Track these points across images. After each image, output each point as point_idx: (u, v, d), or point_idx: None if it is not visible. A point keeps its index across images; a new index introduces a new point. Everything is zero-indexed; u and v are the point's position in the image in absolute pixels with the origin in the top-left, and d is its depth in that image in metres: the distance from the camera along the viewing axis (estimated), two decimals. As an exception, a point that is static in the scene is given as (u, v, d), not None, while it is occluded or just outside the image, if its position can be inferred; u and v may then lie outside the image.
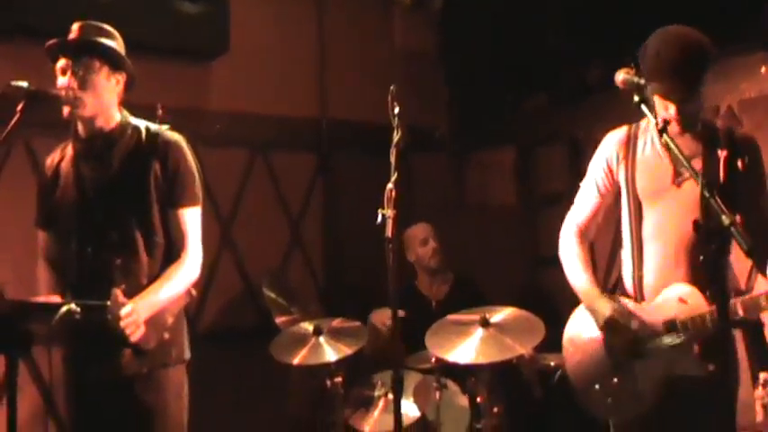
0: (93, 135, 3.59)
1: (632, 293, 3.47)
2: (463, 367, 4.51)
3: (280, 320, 5.29)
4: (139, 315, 3.33)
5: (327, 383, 4.67)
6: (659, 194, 3.41)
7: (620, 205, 3.57)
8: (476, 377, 4.67)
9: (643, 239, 3.44)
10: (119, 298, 3.27)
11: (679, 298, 3.29)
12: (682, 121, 3.35)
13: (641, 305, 3.43)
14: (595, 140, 3.79)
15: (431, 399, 4.60)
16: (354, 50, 6.70)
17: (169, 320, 3.53)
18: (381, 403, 4.74)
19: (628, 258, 3.51)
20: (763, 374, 4.32)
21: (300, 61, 6.49)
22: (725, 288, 2.64)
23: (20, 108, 3.38)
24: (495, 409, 4.72)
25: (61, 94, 3.47)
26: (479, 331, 4.43)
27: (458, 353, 4.38)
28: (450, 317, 4.62)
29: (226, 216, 6.11)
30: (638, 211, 3.47)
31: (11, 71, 3.96)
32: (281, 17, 6.40)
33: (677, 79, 3.24)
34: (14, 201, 5.13)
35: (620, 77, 3.21)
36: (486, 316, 4.46)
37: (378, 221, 3.43)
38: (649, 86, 3.24)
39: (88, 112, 3.53)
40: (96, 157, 3.59)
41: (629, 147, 3.53)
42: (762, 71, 5.14)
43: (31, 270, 3.71)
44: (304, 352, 4.65)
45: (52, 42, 3.56)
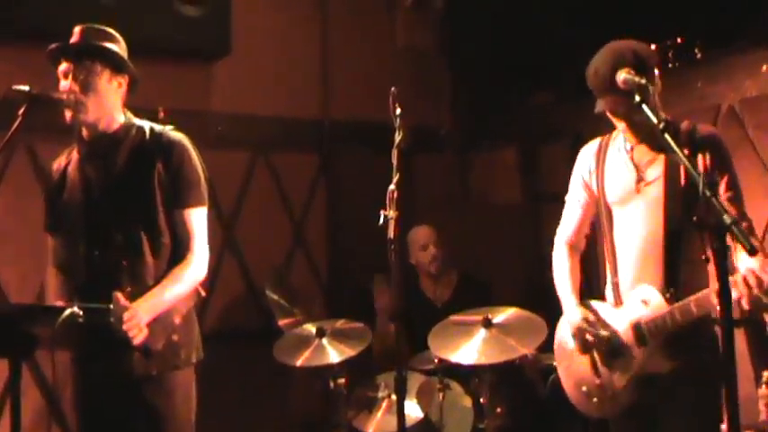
0: (97, 137, 3.58)
1: (611, 298, 3.57)
2: (466, 368, 4.52)
3: (283, 322, 5.29)
4: (141, 318, 3.32)
5: (331, 385, 4.67)
6: (625, 200, 3.49)
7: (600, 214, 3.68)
8: (479, 378, 4.67)
9: (615, 245, 3.54)
10: (120, 301, 3.28)
11: (642, 300, 3.40)
12: (635, 132, 3.45)
13: (613, 307, 3.54)
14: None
15: (434, 400, 4.60)
16: (356, 50, 6.69)
17: (176, 321, 3.52)
18: (385, 404, 4.74)
19: (607, 264, 3.61)
20: (766, 373, 4.33)
21: (302, 62, 6.50)
22: (728, 286, 2.64)
23: (21, 112, 3.38)
24: (498, 410, 4.72)
25: (63, 97, 3.47)
26: (482, 332, 4.44)
27: (461, 354, 4.39)
28: (453, 317, 4.62)
29: (228, 217, 6.12)
30: (610, 218, 3.56)
31: (13, 74, 3.97)
32: (282, 18, 6.40)
33: (618, 94, 3.27)
34: (17, 204, 5.15)
35: (620, 77, 3.21)
36: (489, 316, 4.47)
37: (380, 223, 3.44)
38: (597, 103, 3.37)
39: (90, 115, 3.52)
40: (101, 158, 3.58)
41: (599, 157, 3.62)
42: (763, 70, 5.13)
43: (34, 272, 3.73)
44: (307, 353, 4.66)
45: (54, 46, 3.56)
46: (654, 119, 3.01)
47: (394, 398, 4.47)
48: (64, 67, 3.54)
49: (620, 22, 5.36)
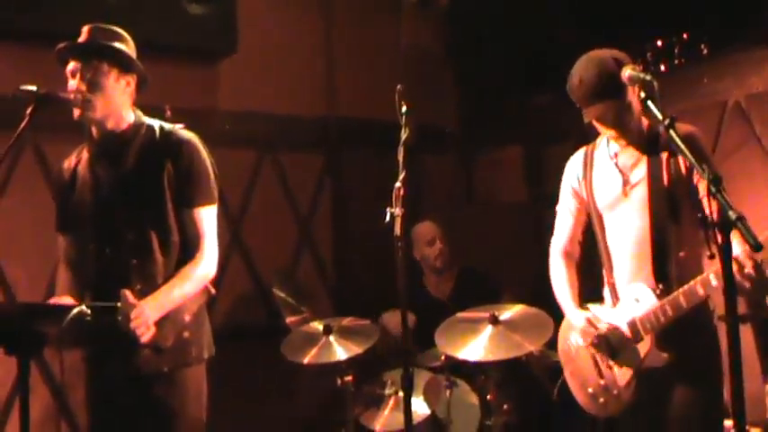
0: (107, 137, 3.59)
1: (610, 299, 3.64)
2: (473, 365, 4.53)
3: (290, 320, 5.29)
4: (148, 315, 3.33)
5: (338, 382, 4.66)
6: (614, 204, 3.56)
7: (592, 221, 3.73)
8: (485, 375, 4.68)
9: (609, 248, 3.61)
10: (129, 299, 3.29)
11: (634, 298, 3.47)
12: (625, 136, 3.49)
13: (609, 309, 3.62)
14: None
15: (441, 397, 4.61)
16: (362, 49, 6.70)
17: (186, 318, 3.53)
18: (392, 401, 4.73)
19: (603, 268, 3.66)
20: (772, 370, 4.34)
21: (308, 60, 6.51)
22: (733, 282, 2.64)
23: (29, 112, 3.40)
24: (505, 407, 4.72)
25: (70, 97, 3.48)
26: (489, 329, 4.44)
27: (467, 350, 4.39)
28: (460, 314, 4.62)
29: (235, 216, 6.12)
30: (601, 223, 3.63)
31: (20, 73, 3.99)
32: (288, 17, 6.41)
33: (604, 101, 3.34)
34: (25, 203, 5.16)
35: (626, 73, 3.23)
36: (495, 313, 4.47)
37: (386, 220, 3.44)
38: (583, 113, 3.41)
39: (98, 114, 3.53)
40: (110, 157, 3.59)
41: (587, 165, 3.68)
42: (769, 65, 5.15)
43: (42, 271, 3.74)
44: (314, 351, 4.65)
45: (62, 46, 3.57)
46: (659, 115, 3.01)
47: (401, 395, 4.45)
48: (72, 66, 3.55)
49: (624, 19, 5.39)
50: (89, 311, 3.03)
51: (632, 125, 3.45)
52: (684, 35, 5.37)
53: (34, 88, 3.40)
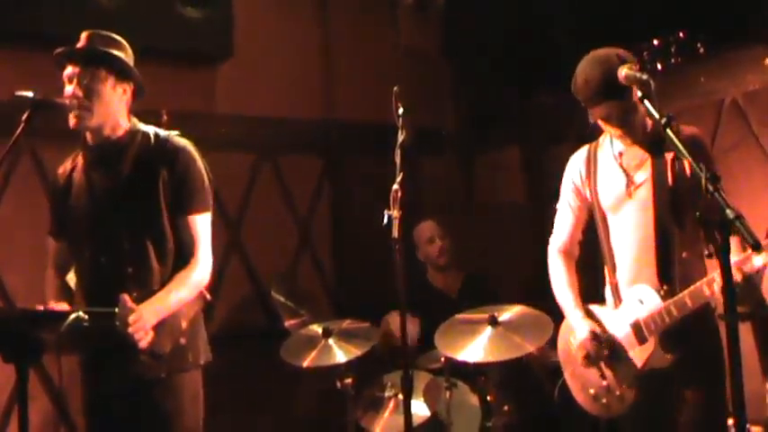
0: (102, 143, 3.59)
1: (612, 299, 3.64)
2: (473, 366, 4.52)
3: (289, 323, 5.29)
4: (146, 320, 3.33)
5: (338, 385, 4.66)
6: (618, 205, 3.56)
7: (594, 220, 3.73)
8: (486, 376, 4.68)
9: (612, 248, 3.60)
10: (127, 303, 3.28)
11: (638, 299, 3.47)
12: (630, 135, 3.49)
13: (611, 310, 3.62)
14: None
15: (441, 398, 4.60)
16: (359, 51, 6.69)
17: (183, 325, 3.54)
18: (392, 404, 4.73)
19: (606, 267, 3.66)
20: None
21: (305, 63, 6.50)
22: (731, 280, 2.65)
23: (25, 117, 3.40)
24: (505, 408, 4.73)
25: (66, 102, 3.48)
26: (488, 330, 4.44)
27: (467, 352, 4.38)
28: (459, 316, 4.62)
29: (234, 219, 6.12)
30: (605, 223, 3.63)
31: (17, 78, 3.98)
32: (284, 20, 6.40)
33: (610, 101, 3.35)
34: (22, 208, 5.16)
35: (622, 73, 3.23)
36: (495, 314, 4.46)
37: (384, 222, 3.44)
38: (589, 112, 3.42)
39: (94, 121, 3.53)
40: (106, 165, 3.60)
41: (590, 164, 3.68)
42: (766, 63, 5.13)
43: (40, 277, 3.72)
44: (314, 354, 4.65)
45: (60, 51, 3.57)
46: (656, 114, 3.01)
47: (401, 397, 4.45)
48: (69, 71, 3.55)
49: (622, 18, 5.38)
50: (86, 317, 3.02)
51: (637, 124, 3.45)
52: (681, 34, 5.36)
53: (30, 94, 3.40)
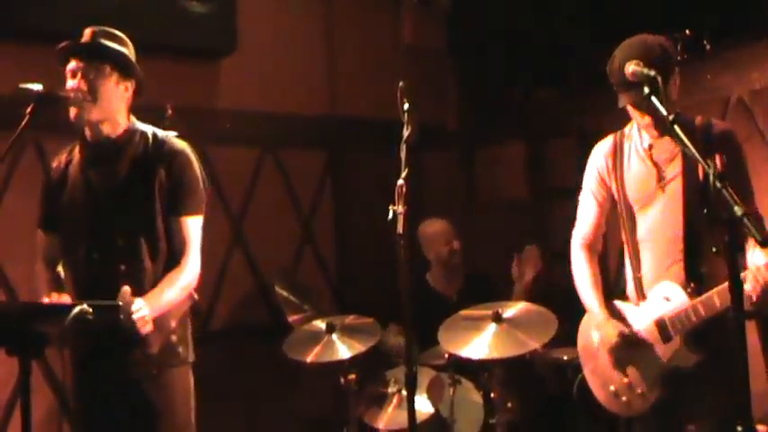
0: (101, 141, 3.60)
1: (634, 294, 3.59)
2: (476, 363, 4.51)
3: (292, 318, 5.29)
4: (147, 311, 3.34)
5: (341, 381, 4.66)
6: (648, 199, 3.51)
7: (616, 212, 3.68)
8: (489, 373, 4.66)
9: (638, 243, 3.55)
10: (128, 295, 3.28)
11: (664, 297, 3.42)
12: (658, 127, 3.43)
13: (636, 306, 3.56)
14: (606, 133, 3.78)
15: (444, 395, 4.59)
16: (363, 47, 6.69)
17: (172, 324, 3.55)
18: (395, 400, 4.71)
19: (628, 262, 3.62)
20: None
21: (309, 58, 6.50)
22: (739, 279, 2.64)
23: (29, 110, 3.39)
24: (509, 405, 4.71)
25: (70, 95, 3.47)
26: (492, 326, 4.43)
27: (471, 348, 4.38)
28: (463, 312, 4.61)
29: (237, 214, 6.12)
30: (631, 217, 3.57)
31: (20, 73, 3.97)
32: (288, 15, 6.41)
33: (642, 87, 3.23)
34: (26, 201, 5.12)
35: (629, 69, 3.21)
36: (499, 311, 4.46)
37: (389, 218, 3.43)
38: (619, 97, 3.37)
39: (95, 116, 3.54)
40: (104, 163, 3.60)
41: (616, 156, 3.62)
42: (772, 61, 5.13)
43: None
44: (317, 349, 4.65)
45: (64, 45, 3.56)
46: (663, 111, 3.00)
47: (404, 393, 4.45)
48: (73, 65, 3.54)
49: (627, 15, 5.37)
50: (91, 310, 3.02)
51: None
52: (687, 31, 5.35)
53: (34, 87, 3.39)
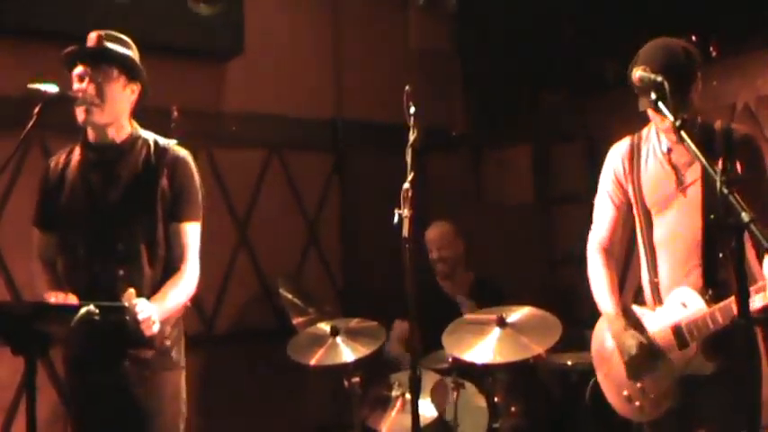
0: (104, 145, 3.61)
1: (650, 299, 3.55)
2: (480, 367, 4.51)
3: (297, 321, 5.29)
4: (152, 312, 3.34)
5: (345, 384, 4.66)
6: (666, 203, 3.47)
7: (632, 215, 3.63)
8: (493, 377, 4.65)
9: (655, 246, 3.52)
10: (133, 297, 3.29)
11: (681, 303, 3.39)
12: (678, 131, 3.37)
13: (653, 311, 3.52)
14: (613, 138, 3.78)
15: (448, 399, 4.59)
16: (369, 50, 6.70)
17: (167, 330, 3.55)
18: (399, 403, 4.72)
19: (644, 265, 3.59)
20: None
21: (315, 61, 6.50)
22: (746, 284, 2.63)
23: (37, 111, 3.40)
24: (512, 409, 4.72)
25: (78, 95, 3.49)
26: (496, 331, 4.42)
27: (475, 353, 4.37)
28: (468, 316, 4.62)
29: (242, 216, 6.13)
30: (648, 221, 3.53)
31: (27, 73, 3.97)
32: (295, 18, 6.42)
33: (674, 94, 3.16)
34: (31, 202, 5.13)
35: (636, 74, 3.20)
36: (503, 315, 4.45)
37: (395, 222, 3.43)
38: (640, 100, 3.30)
39: (103, 119, 3.56)
40: (106, 168, 3.61)
41: (633, 159, 3.58)
42: (779, 68, 5.13)
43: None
44: (321, 352, 4.65)
45: (71, 50, 3.57)
46: (670, 116, 3.00)
47: (408, 397, 4.46)
48: (80, 70, 3.56)
49: (633, 21, 5.37)
50: (97, 311, 3.02)
51: (690, 118, 3.25)
52: (694, 37, 5.35)
53: (43, 87, 3.40)
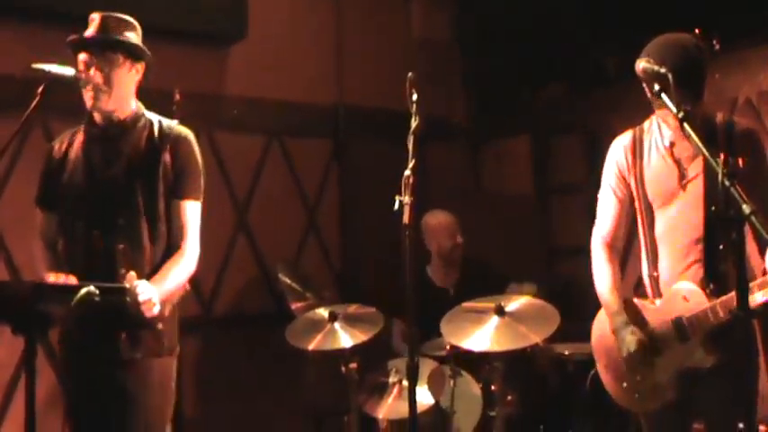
0: (109, 123, 3.63)
1: (650, 291, 3.55)
2: (478, 355, 4.53)
3: (295, 306, 5.30)
4: (153, 294, 3.34)
5: (342, 369, 4.67)
6: (668, 197, 3.47)
7: (634, 209, 3.63)
8: (490, 365, 4.67)
9: (656, 240, 3.52)
10: (134, 278, 3.29)
11: (682, 296, 3.39)
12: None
13: (653, 305, 3.53)
14: (612, 130, 3.78)
15: (445, 386, 4.60)
16: (371, 37, 6.70)
17: (165, 312, 3.52)
18: (396, 390, 4.72)
19: (644, 259, 3.59)
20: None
21: (317, 48, 6.51)
22: (745, 277, 2.64)
23: (40, 91, 3.40)
24: (509, 398, 4.72)
25: (81, 76, 3.49)
26: (494, 319, 4.44)
27: (472, 341, 4.39)
28: (466, 304, 4.62)
29: (241, 201, 6.14)
30: (650, 214, 3.53)
31: (30, 54, 3.97)
32: (298, 3, 6.42)
33: (685, 89, 3.20)
34: (32, 183, 5.13)
35: (640, 66, 3.21)
36: (502, 304, 4.47)
37: (395, 208, 3.43)
38: (647, 90, 3.30)
39: (110, 105, 3.58)
40: (108, 142, 3.62)
41: (635, 152, 3.58)
42: (781, 62, 5.13)
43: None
44: (319, 338, 4.67)
45: (75, 38, 3.58)
46: (673, 108, 3.00)
47: (405, 383, 4.47)
48: (85, 57, 3.57)
49: (635, 14, 5.37)
50: (97, 292, 3.02)
51: (697, 112, 3.28)
52: (696, 31, 5.35)
53: (46, 67, 3.40)
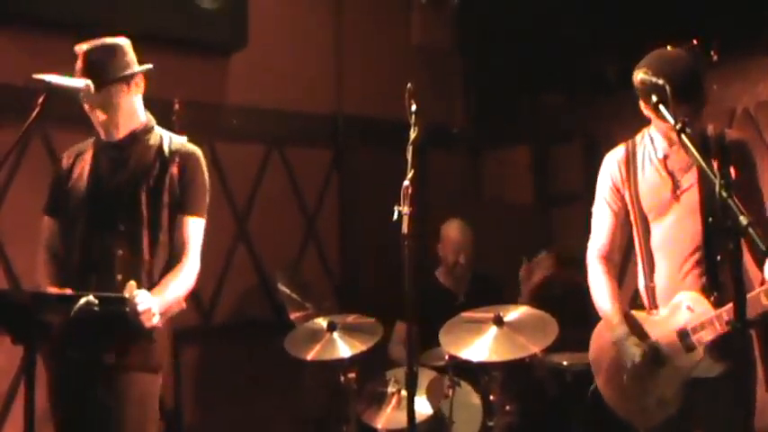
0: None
1: (647, 303, 3.55)
2: (476, 365, 4.53)
3: (294, 315, 5.31)
4: (152, 304, 3.33)
5: (341, 379, 4.68)
6: (662, 209, 3.48)
7: (629, 221, 3.63)
8: (489, 375, 4.67)
9: (652, 251, 3.52)
10: (133, 289, 3.29)
11: (687, 306, 3.38)
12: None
13: (655, 316, 3.52)
14: (613, 138, 3.79)
15: (444, 396, 4.61)
16: (371, 46, 6.71)
17: (159, 324, 3.48)
18: (394, 400, 4.73)
19: (640, 270, 3.59)
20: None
21: (318, 57, 6.51)
22: (743, 287, 2.64)
23: (41, 101, 3.40)
24: (507, 408, 4.73)
25: (82, 87, 3.49)
26: (493, 329, 4.45)
27: (471, 351, 4.40)
28: (465, 314, 4.62)
29: (241, 210, 6.14)
30: (646, 226, 3.54)
31: (29, 62, 3.99)
32: (299, 13, 6.43)
33: (687, 104, 3.22)
34: (32, 192, 5.14)
35: (638, 77, 3.22)
36: (500, 314, 4.47)
37: (394, 218, 3.44)
38: (642, 105, 3.33)
39: (121, 130, 3.60)
40: (117, 151, 3.63)
41: (629, 166, 3.58)
42: (779, 73, 5.14)
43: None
44: (318, 347, 4.67)
45: (75, 88, 3.51)
46: (671, 120, 3.01)
47: (404, 393, 4.47)
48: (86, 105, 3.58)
49: (634, 24, 5.39)
50: (96, 302, 3.03)
51: (695, 126, 3.26)
52: (694, 41, 5.36)
53: (47, 78, 3.41)
